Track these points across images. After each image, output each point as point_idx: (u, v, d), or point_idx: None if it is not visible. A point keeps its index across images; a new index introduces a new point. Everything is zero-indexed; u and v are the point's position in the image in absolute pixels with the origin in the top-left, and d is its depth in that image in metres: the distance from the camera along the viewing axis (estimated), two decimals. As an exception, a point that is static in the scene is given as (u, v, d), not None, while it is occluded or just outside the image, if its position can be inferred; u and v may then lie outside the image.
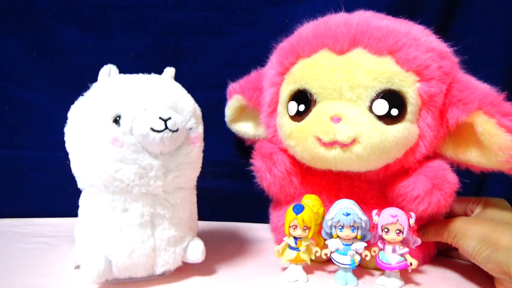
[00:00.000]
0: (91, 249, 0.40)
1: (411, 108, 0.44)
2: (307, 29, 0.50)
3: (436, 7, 0.62)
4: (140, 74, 0.44)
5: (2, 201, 0.64)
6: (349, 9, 0.51)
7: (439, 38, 0.49)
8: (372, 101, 0.44)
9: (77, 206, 0.44)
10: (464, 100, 0.44)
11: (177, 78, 0.47)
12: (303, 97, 0.48)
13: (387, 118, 0.44)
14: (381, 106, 0.44)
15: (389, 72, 0.44)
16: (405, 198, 0.46)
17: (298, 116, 0.48)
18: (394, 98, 0.44)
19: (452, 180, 0.45)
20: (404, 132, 0.44)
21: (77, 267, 0.44)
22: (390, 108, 0.44)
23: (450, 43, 0.48)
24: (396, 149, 0.45)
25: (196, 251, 0.44)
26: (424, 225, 0.49)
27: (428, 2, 0.62)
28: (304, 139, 0.46)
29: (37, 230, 0.59)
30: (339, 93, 0.45)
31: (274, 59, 0.53)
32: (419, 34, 0.46)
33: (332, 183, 0.51)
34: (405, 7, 0.60)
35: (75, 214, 0.44)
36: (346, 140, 0.43)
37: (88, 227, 0.42)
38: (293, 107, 0.48)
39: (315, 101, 0.47)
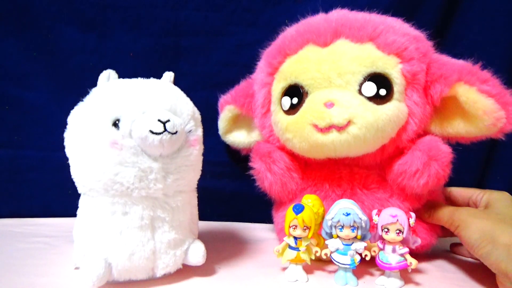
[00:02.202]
0: (91, 252, 0.40)
1: (397, 88, 0.47)
2: (290, 30, 0.53)
3: (436, 8, 0.62)
4: (139, 78, 0.44)
5: (2, 201, 0.64)
6: (350, 9, 0.52)
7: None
8: (361, 84, 0.46)
9: (77, 206, 0.44)
10: (444, 75, 0.47)
11: (177, 78, 0.47)
12: (295, 91, 0.50)
13: (376, 99, 0.46)
14: (370, 88, 0.46)
15: (373, 57, 0.46)
16: (405, 175, 0.47)
17: (292, 110, 0.50)
18: (381, 79, 0.46)
19: (446, 150, 0.47)
20: (394, 110, 0.46)
21: (78, 268, 0.44)
22: (378, 89, 0.46)
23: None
24: (389, 127, 0.46)
25: (197, 254, 0.44)
26: (430, 206, 0.50)
27: (428, 3, 0.62)
28: (301, 129, 0.47)
29: (37, 230, 0.59)
30: (328, 81, 0.47)
31: (262, 63, 0.56)
32: (394, 22, 0.50)
33: (332, 173, 0.52)
34: (405, 8, 0.60)
35: (75, 214, 0.44)
36: (342, 122, 0.45)
37: (87, 230, 0.42)
38: (287, 101, 0.50)
39: (307, 93, 0.49)
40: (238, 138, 0.62)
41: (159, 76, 0.47)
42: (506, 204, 0.47)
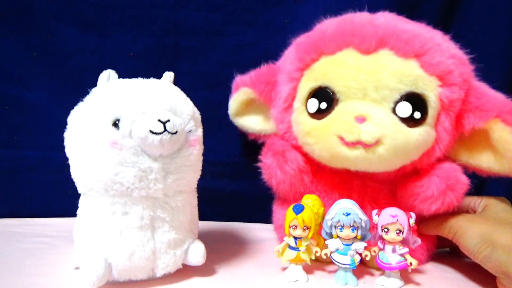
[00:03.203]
0: (91, 252, 0.40)
1: (431, 112, 0.45)
2: (330, 26, 0.50)
3: (436, 7, 0.62)
4: (139, 78, 0.44)
5: (2, 201, 0.64)
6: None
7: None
8: (396, 103, 0.44)
9: (77, 206, 0.44)
10: (481, 108, 0.46)
11: (177, 78, 0.47)
12: (324, 95, 0.47)
13: (410, 121, 0.44)
14: (405, 109, 0.44)
15: (414, 75, 0.44)
16: (418, 197, 0.46)
17: (319, 114, 0.47)
18: (417, 101, 0.44)
19: (464, 181, 0.46)
20: (424, 135, 0.45)
21: (78, 268, 0.44)
22: (413, 111, 0.44)
23: (465, 51, 0.49)
24: (415, 152, 0.45)
25: (197, 254, 0.44)
26: (426, 218, 0.49)
27: (428, 2, 0.62)
28: (326, 138, 0.46)
29: (37, 230, 0.59)
30: (363, 93, 0.45)
31: (292, 54, 0.52)
32: (441, 39, 0.47)
33: (344, 183, 0.51)
34: (405, 7, 0.60)
35: (75, 214, 0.44)
36: (371, 141, 0.43)
37: (87, 230, 0.42)
38: (314, 104, 0.48)
39: (337, 100, 0.46)
40: (249, 123, 0.59)
41: (159, 76, 0.47)
42: (503, 208, 0.47)
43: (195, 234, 0.47)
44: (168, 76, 0.47)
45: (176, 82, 0.47)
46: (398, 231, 0.43)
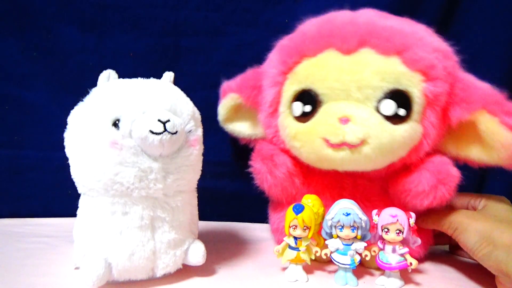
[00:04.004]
0: (91, 252, 0.40)
1: (416, 108, 0.45)
2: (311, 28, 0.50)
3: (436, 7, 0.62)
4: (139, 78, 0.44)
5: (2, 201, 0.64)
6: (350, 8, 0.51)
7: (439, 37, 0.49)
8: (379, 101, 0.44)
9: (77, 206, 0.44)
10: (467, 99, 0.45)
11: (177, 78, 0.47)
12: (308, 98, 0.47)
13: (394, 118, 0.44)
14: (389, 106, 0.44)
15: (397, 73, 0.44)
16: (410, 193, 0.46)
17: (304, 117, 0.47)
18: (401, 98, 0.44)
19: (455, 174, 0.46)
20: (410, 131, 0.44)
21: (78, 268, 0.44)
22: (397, 108, 0.44)
23: (451, 43, 0.48)
24: (402, 149, 0.45)
25: (197, 254, 0.44)
26: (425, 212, 0.49)
27: (428, 2, 0.62)
28: (311, 141, 0.46)
29: (37, 230, 0.59)
30: (347, 93, 0.44)
31: (275, 58, 0.52)
32: (423, 33, 0.47)
33: (335, 182, 0.51)
34: (405, 7, 0.60)
35: (75, 214, 0.44)
36: (355, 141, 0.43)
37: (87, 230, 0.42)
38: (298, 107, 0.48)
39: (321, 102, 0.46)
40: (239, 128, 0.59)
41: (159, 76, 0.47)
42: (503, 207, 0.47)
43: (195, 234, 0.47)
44: (168, 76, 0.47)
45: (176, 82, 0.47)
46: (398, 231, 0.43)
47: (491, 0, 0.62)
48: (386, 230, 0.43)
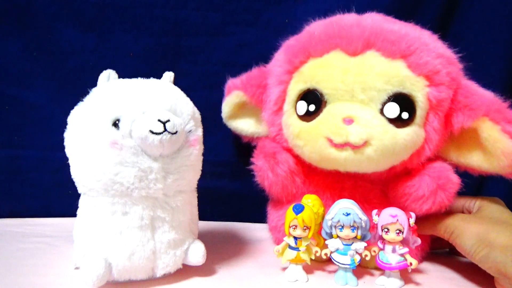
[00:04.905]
0: (91, 252, 0.40)
1: (420, 112, 0.45)
2: (318, 28, 0.50)
3: (436, 7, 0.62)
4: (139, 78, 0.44)
5: (2, 201, 0.64)
6: (349, 9, 0.51)
7: (439, 39, 0.49)
8: (384, 104, 0.45)
9: (77, 206, 0.44)
10: (470, 106, 0.46)
11: (177, 78, 0.47)
12: (313, 97, 0.47)
13: (397, 121, 0.44)
14: (393, 109, 0.44)
15: (401, 76, 0.44)
16: (409, 197, 0.46)
17: (308, 116, 0.48)
18: (405, 101, 0.45)
19: (455, 180, 0.46)
20: (413, 135, 0.45)
21: (78, 268, 0.44)
22: (401, 112, 0.44)
23: (451, 43, 0.48)
24: (404, 152, 0.45)
25: (197, 254, 0.44)
26: (421, 218, 0.49)
27: (428, 2, 0.62)
28: (314, 140, 0.46)
29: (37, 230, 0.59)
30: (351, 94, 0.45)
31: (281, 57, 0.53)
32: (428, 39, 0.47)
33: (335, 183, 0.51)
34: (405, 7, 0.60)
35: (75, 214, 0.44)
36: (358, 142, 0.43)
37: (87, 230, 0.42)
38: (303, 106, 0.48)
39: (325, 102, 0.47)
40: (242, 126, 0.60)
41: (159, 76, 0.47)
42: (498, 208, 0.47)
43: (195, 234, 0.47)
44: (168, 76, 0.47)
45: (176, 82, 0.47)
46: (398, 231, 0.43)
47: (491, 0, 0.62)
48: (386, 230, 0.43)
